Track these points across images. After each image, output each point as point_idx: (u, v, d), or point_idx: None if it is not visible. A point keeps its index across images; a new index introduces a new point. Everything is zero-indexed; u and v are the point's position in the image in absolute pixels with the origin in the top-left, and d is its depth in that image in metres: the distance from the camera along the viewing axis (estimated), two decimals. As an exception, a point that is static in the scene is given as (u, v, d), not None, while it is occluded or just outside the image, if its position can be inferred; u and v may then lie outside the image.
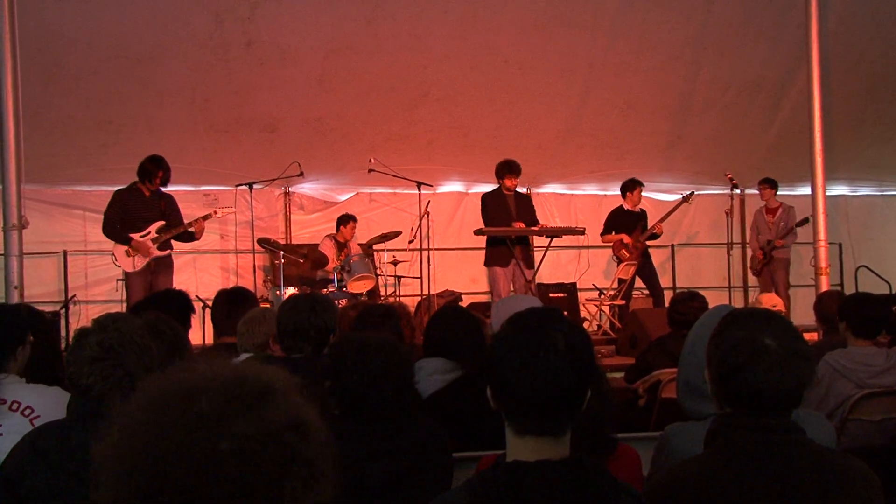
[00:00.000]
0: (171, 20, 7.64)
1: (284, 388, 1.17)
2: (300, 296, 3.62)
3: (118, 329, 2.39)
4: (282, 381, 1.18)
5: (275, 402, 1.13)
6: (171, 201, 7.25)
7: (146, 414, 1.11)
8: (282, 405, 1.14)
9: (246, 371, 1.17)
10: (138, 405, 1.13)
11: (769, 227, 9.57)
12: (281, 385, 1.17)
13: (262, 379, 1.17)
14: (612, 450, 2.39)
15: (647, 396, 4.59)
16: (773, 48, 8.93)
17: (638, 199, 9.22)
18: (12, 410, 2.80)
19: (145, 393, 1.15)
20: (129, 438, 1.10)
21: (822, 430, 2.32)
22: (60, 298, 9.13)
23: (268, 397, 1.13)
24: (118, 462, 1.09)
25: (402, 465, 2.36)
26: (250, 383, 1.14)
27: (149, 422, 1.10)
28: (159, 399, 1.12)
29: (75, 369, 2.35)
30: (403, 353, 2.59)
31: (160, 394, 1.13)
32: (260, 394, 1.13)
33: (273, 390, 1.15)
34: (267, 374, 1.18)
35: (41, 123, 8.03)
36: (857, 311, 4.01)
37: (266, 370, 1.19)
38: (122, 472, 1.08)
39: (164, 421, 1.09)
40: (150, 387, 1.16)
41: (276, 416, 1.11)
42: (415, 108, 9.21)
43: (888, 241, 12.04)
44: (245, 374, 1.16)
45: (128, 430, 1.11)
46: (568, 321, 1.72)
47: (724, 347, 1.92)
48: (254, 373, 1.17)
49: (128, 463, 1.08)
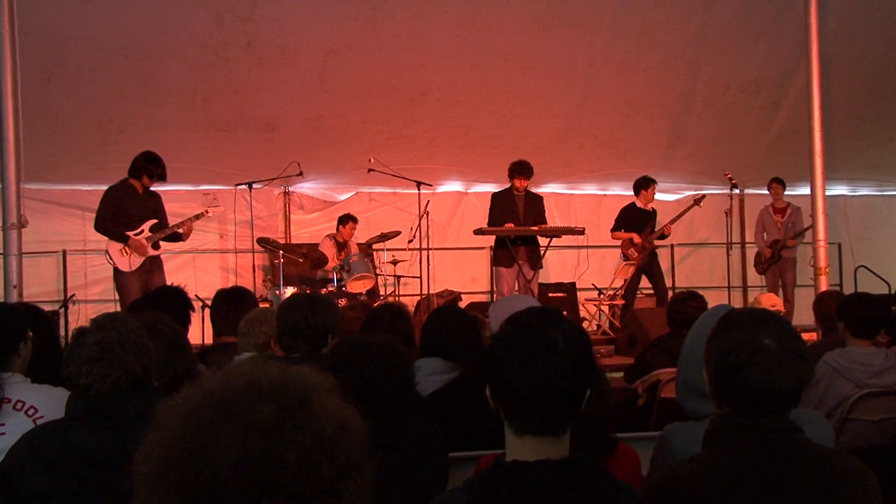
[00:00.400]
0: (171, 19, 7.64)
1: (325, 389, 1.17)
2: (299, 295, 3.62)
3: (116, 329, 2.39)
4: (322, 383, 1.18)
5: (321, 405, 1.13)
6: (159, 200, 7.15)
7: (199, 424, 1.08)
8: (327, 408, 1.13)
9: (289, 376, 1.16)
10: (185, 414, 1.10)
11: (777, 227, 9.52)
12: (322, 387, 1.17)
13: (306, 383, 1.16)
14: (612, 449, 2.39)
15: (646, 396, 4.59)
16: (772, 48, 8.94)
17: (651, 197, 9.11)
18: (16, 410, 2.79)
19: (192, 400, 1.12)
20: (180, 449, 1.06)
21: (820, 429, 2.32)
22: (59, 298, 9.13)
23: (315, 401, 1.13)
24: (167, 472, 1.06)
25: (398, 460, 2.37)
26: (298, 389, 1.13)
27: (203, 432, 1.07)
28: (211, 408, 1.09)
29: (74, 369, 2.35)
30: (404, 354, 2.59)
31: (212, 403, 1.10)
32: (307, 398, 1.13)
33: (317, 393, 1.15)
34: (308, 378, 1.17)
35: (41, 122, 8.03)
36: (856, 311, 4.01)
37: (304, 373, 1.18)
38: (171, 485, 1.05)
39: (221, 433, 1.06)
40: (195, 395, 1.13)
41: (326, 420, 1.11)
42: (414, 107, 9.22)
43: (887, 241, 12.05)
44: (288, 378, 1.15)
45: (178, 441, 1.07)
46: (568, 321, 1.72)
47: (723, 347, 1.92)
48: (296, 377, 1.16)
49: (179, 475, 1.05)
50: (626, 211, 9.16)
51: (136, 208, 6.92)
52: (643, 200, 9.09)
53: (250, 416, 1.07)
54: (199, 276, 9.76)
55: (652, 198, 9.14)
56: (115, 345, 2.35)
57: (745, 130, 10.19)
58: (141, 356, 2.39)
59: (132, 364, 2.35)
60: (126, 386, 2.33)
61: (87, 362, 2.34)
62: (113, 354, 2.34)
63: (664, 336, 4.98)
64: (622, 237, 9.06)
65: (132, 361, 2.36)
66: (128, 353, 2.36)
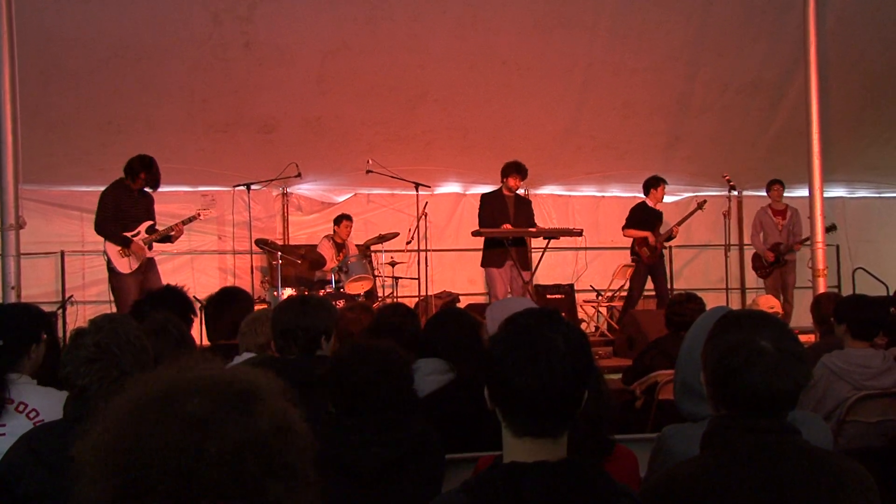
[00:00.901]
0: (170, 20, 7.63)
1: (270, 391, 1.17)
2: (293, 297, 3.63)
3: (114, 329, 2.39)
4: (268, 385, 1.18)
5: (261, 405, 1.13)
6: (150, 201, 7.15)
7: (132, 412, 1.10)
8: (268, 409, 1.14)
9: (233, 374, 1.17)
10: (124, 403, 1.13)
11: (778, 230, 9.45)
12: (267, 388, 1.17)
13: (249, 382, 1.16)
14: (610, 451, 2.39)
15: (644, 398, 4.60)
16: (771, 49, 8.94)
17: (661, 197, 9.06)
18: (18, 412, 2.79)
19: (133, 391, 1.14)
20: (113, 436, 1.09)
21: (818, 431, 2.32)
22: (58, 299, 9.13)
23: (254, 401, 1.13)
24: (100, 459, 1.09)
25: (393, 455, 2.37)
26: (237, 386, 1.14)
27: (134, 421, 1.09)
28: (147, 398, 1.12)
29: (72, 369, 2.35)
30: (403, 357, 2.59)
31: (148, 393, 1.13)
32: (247, 397, 1.13)
33: (259, 394, 1.15)
34: (253, 378, 1.18)
35: (39, 123, 8.03)
36: (854, 312, 4.01)
37: (253, 373, 1.19)
38: (103, 470, 1.08)
39: (150, 420, 1.08)
40: (137, 385, 1.15)
41: (263, 419, 1.12)
42: (413, 108, 9.21)
43: (886, 243, 12.06)
44: (232, 377, 1.16)
45: (112, 428, 1.10)
46: (567, 322, 1.72)
47: (720, 349, 1.93)
48: (241, 376, 1.17)
49: (110, 461, 1.07)
50: (638, 209, 9.07)
51: (133, 209, 6.93)
52: (653, 200, 9.03)
53: (178, 408, 1.09)
54: (197, 278, 9.75)
55: (661, 198, 9.08)
56: (113, 345, 2.35)
57: (743, 132, 10.20)
58: (139, 357, 2.38)
59: (130, 364, 2.35)
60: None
61: (85, 363, 2.33)
62: (110, 355, 2.34)
63: (662, 338, 4.99)
64: (636, 235, 8.92)
65: (130, 362, 2.35)
66: (125, 354, 2.35)
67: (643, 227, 8.92)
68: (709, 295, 7.02)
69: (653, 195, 9.03)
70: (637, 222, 8.97)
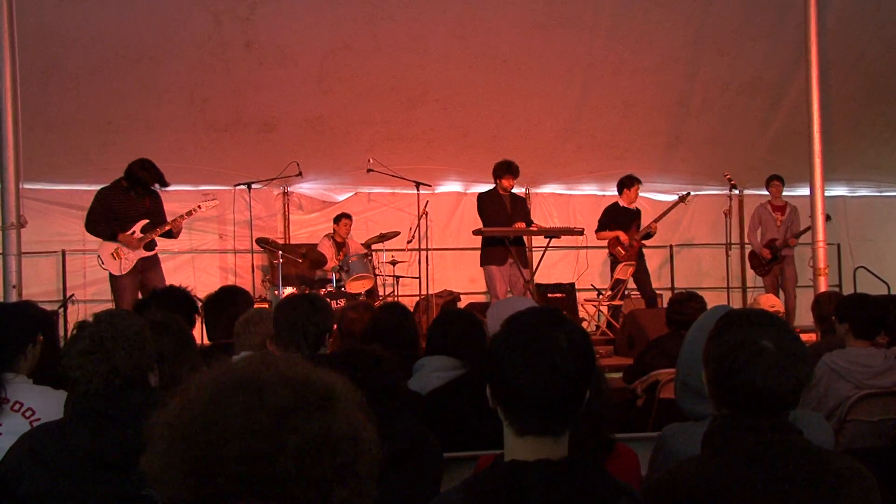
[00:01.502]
0: (171, 20, 7.64)
1: (347, 396, 1.18)
2: (297, 295, 3.63)
3: (112, 324, 2.37)
4: (345, 390, 1.19)
5: (340, 409, 1.14)
6: (156, 199, 7.08)
7: (219, 392, 1.11)
8: (345, 414, 1.15)
9: (315, 374, 1.18)
10: (210, 382, 1.14)
11: (777, 225, 9.42)
12: (344, 393, 1.18)
13: (329, 384, 1.17)
14: (611, 450, 2.38)
15: (645, 397, 4.60)
16: (771, 48, 8.94)
17: (635, 196, 8.97)
18: (14, 411, 2.78)
19: (219, 372, 1.15)
20: (196, 412, 1.10)
21: (819, 430, 2.32)
22: (59, 298, 9.13)
23: (333, 403, 1.14)
24: (177, 432, 1.09)
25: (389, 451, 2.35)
26: (318, 386, 1.15)
27: (220, 400, 1.10)
28: (235, 381, 1.13)
29: (67, 361, 2.34)
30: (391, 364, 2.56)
31: (236, 376, 1.14)
32: (327, 398, 1.14)
33: (338, 397, 1.16)
34: (334, 381, 1.19)
35: (40, 123, 8.04)
36: (855, 312, 4.01)
37: (333, 377, 1.20)
38: (180, 443, 1.08)
39: (237, 402, 1.09)
40: (224, 368, 1.16)
41: (340, 423, 1.13)
42: (413, 108, 9.22)
43: (887, 242, 12.05)
44: (313, 375, 1.17)
45: (195, 404, 1.11)
46: (569, 321, 1.72)
47: (722, 349, 1.93)
48: (322, 377, 1.18)
49: (189, 435, 1.08)
50: (611, 210, 9.00)
51: (128, 210, 6.85)
52: (626, 199, 8.94)
53: (265, 395, 1.10)
54: (198, 277, 9.75)
55: (635, 197, 8.98)
56: (107, 339, 2.32)
57: (743, 131, 10.20)
58: (133, 354, 2.35)
59: (123, 361, 2.32)
60: (118, 384, 2.31)
61: (80, 355, 2.32)
62: (103, 350, 2.31)
63: (663, 337, 4.99)
64: (608, 236, 8.89)
65: (123, 358, 2.32)
66: (119, 350, 2.32)
67: (618, 227, 8.84)
68: (710, 294, 7.02)
69: (626, 195, 8.92)
70: (609, 223, 8.91)
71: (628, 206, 8.97)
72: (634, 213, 9.00)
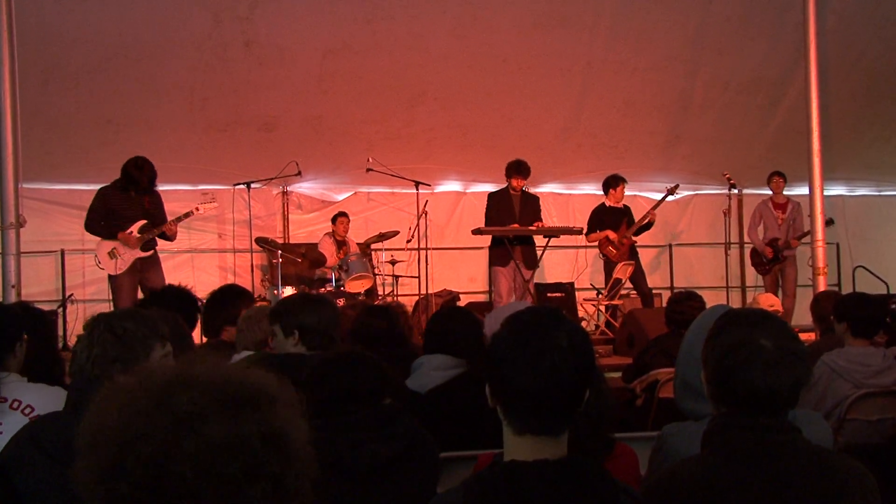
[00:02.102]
0: (170, 19, 7.64)
1: (272, 397, 1.16)
2: (302, 294, 3.63)
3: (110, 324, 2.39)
4: (273, 392, 1.17)
5: (255, 410, 1.13)
6: (156, 199, 7.06)
7: (126, 398, 1.12)
8: (261, 415, 1.13)
9: (235, 375, 1.16)
10: (123, 388, 1.14)
11: (778, 223, 9.26)
12: (270, 395, 1.16)
13: (251, 386, 1.16)
14: (610, 449, 2.38)
15: (644, 396, 4.60)
16: (771, 47, 8.94)
17: (621, 196, 8.93)
18: (13, 409, 2.79)
19: (134, 377, 1.16)
20: (104, 417, 1.11)
21: (818, 429, 2.32)
22: (58, 297, 9.13)
23: (249, 405, 1.13)
24: (88, 438, 1.11)
25: (388, 453, 2.34)
26: (235, 388, 1.14)
27: (125, 406, 1.11)
28: (144, 386, 1.13)
29: (73, 357, 2.37)
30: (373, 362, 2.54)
31: (147, 381, 1.13)
32: (242, 400, 1.12)
33: (257, 398, 1.14)
34: (258, 382, 1.17)
35: (39, 122, 8.03)
36: (854, 311, 4.02)
37: (261, 378, 1.18)
38: (90, 449, 1.10)
39: (139, 407, 1.09)
40: (140, 372, 1.16)
41: (251, 424, 1.11)
42: (413, 107, 9.22)
43: (886, 242, 12.05)
44: (234, 378, 1.16)
45: (104, 409, 1.12)
46: (569, 320, 1.72)
47: (721, 348, 1.93)
48: (243, 379, 1.16)
49: (97, 441, 1.09)
50: (598, 211, 8.98)
51: (126, 209, 6.85)
52: (613, 199, 8.91)
53: (168, 400, 1.10)
54: (197, 276, 9.74)
55: (622, 196, 8.95)
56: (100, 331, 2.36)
57: (743, 130, 10.20)
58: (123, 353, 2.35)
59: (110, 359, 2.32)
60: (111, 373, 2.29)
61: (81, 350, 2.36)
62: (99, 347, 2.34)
63: (662, 336, 4.99)
64: (596, 237, 8.86)
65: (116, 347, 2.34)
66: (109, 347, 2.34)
67: (606, 227, 8.81)
68: (709, 293, 7.02)
69: (612, 195, 8.90)
70: (597, 224, 8.89)
71: (615, 206, 8.93)
72: (622, 211, 8.95)
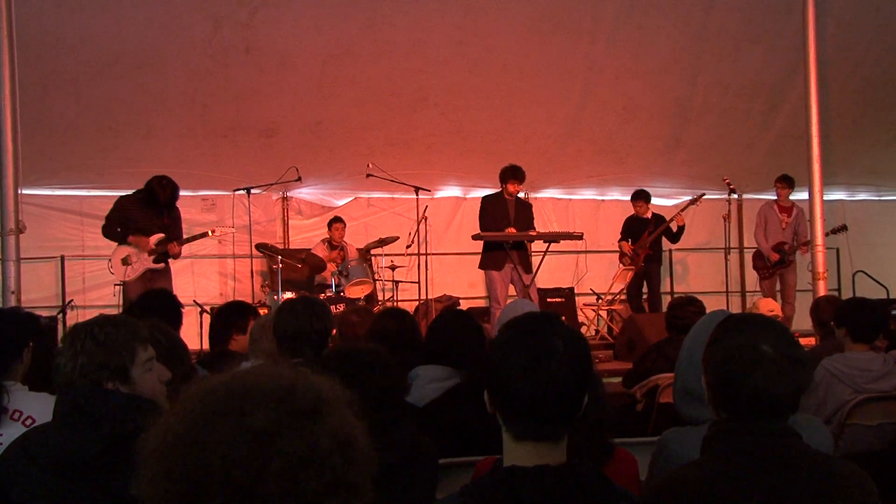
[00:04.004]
0: (171, 25, 7.64)
1: (335, 402, 1.16)
2: (297, 300, 3.61)
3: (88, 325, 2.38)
4: (333, 395, 1.17)
5: (325, 419, 1.13)
6: (175, 215, 7.27)
7: (198, 420, 1.10)
8: (332, 423, 1.13)
9: (300, 384, 1.16)
10: (191, 408, 1.12)
11: (782, 227, 9.20)
12: (332, 399, 1.16)
13: (315, 393, 1.15)
14: (610, 455, 2.38)
15: (644, 401, 4.59)
16: (770, 52, 8.95)
17: (642, 211, 9.44)
18: (13, 420, 2.75)
19: (199, 395, 1.14)
20: (178, 442, 1.09)
21: (819, 435, 2.32)
22: (58, 303, 9.12)
23: (319, 414, 1.13)
24: (163, 462, 1.09)
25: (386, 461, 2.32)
26: (303, 398, 1.13)
27: (199, 429, 1.09)
28: (213, 406, 1.11)
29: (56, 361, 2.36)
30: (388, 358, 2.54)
31: (215, 400, 1.12)
32: (312, 410, 1.12)
33: (324, 406, 1.14)
34: (319, 388, 1.17)
35: (40, 128, 8.03)
36: (854, 315, 4.01)
37: (318, 383, 1.18)
38: (166, 474, 1.08)
39: (216, 430, 1.08)
40: (204, 390, 1.15)
41: (326, 436, 1.11)
42: (413, 112, 9.22)
43: (886, 246, 12.04)
44: (299, 387, 1.15)
45: (177, 433, 1.10)
46: (567, 326, 1.72)
47: (721, 354, 1.93)
48: (307, 386, 1.16)
49: (173, 466, 1.08)
50: (628, 220, 9.56)
51: (143, 221, 7.03)
52: (637, 212, 9.49)
53: (244, 419, 1.08)
54: (197, 282, 9.76)
55: (643, 211, 9.45)
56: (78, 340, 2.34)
57: (743, 135, 10.20)
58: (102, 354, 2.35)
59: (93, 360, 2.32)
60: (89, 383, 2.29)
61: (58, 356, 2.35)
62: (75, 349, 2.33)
63: (663, 341, 4.98)
64: (622, 245, 9.46)
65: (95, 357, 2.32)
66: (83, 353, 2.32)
67: (631, 236, 9.40)
68: (709, 298, 7.01)
69: (633, 207, 9.53)
70: (624, 232, 9.53)
71: (641, 216, 9.44)
72: (647, 221, 9.34)
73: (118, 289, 7.44)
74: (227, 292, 10.04)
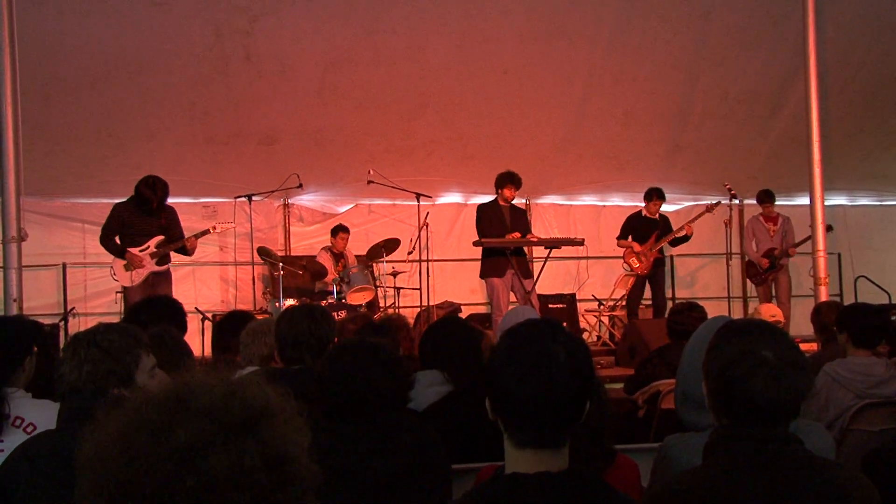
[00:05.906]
0: (171, 33, 7.66)
1: (273, 416, 1.13)
2: (297, 307, 3.62)
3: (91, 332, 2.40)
4: (275, 409, 1.14)
5: (257, 434, 1.10)
6: (172, 215, 7.24)
7: (126, 432, 1.09)
8: (262, 436, 1.10)
9: (235, 396, 1.13)
10: (122, 419, 1.12)
11: (770, 236, 9.49)
12: (269, 414, 1.13)
13: (249, 407, 1.12)
14: (612, 461, 2.38)
15: (646, 407, 4.59)
16: (770, 57, 8.95)
17: (653, 210, 9.21)
18: (15, 427, 2.74)
19: (134, 406, 1.13)
20: (106, 453, 1.09)
21: (820, 440, 2.31)
22: (59, 311, 9.13)
23: (249, 430, 1.10)
24: (93, 472, 1.09)
25: (396, 467, 2.33)
26: (235, 412, 1.10)
27: (126, 442, 1.08)
28: (142, 418, 1.10)
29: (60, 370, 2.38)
30: (397, 353, 2.55)
31: (145, 412, 1.11)
32: (242, 425, 1.09)
33: (258, 421, 1.11)
34: (256, 401, 1.13)
35: (41, 136, 8.05)
36: (856, 321, 4.01)
37: (257, 395, 1.15)
38: (96, 484, 1.08)
39: (140, 444, 1.07)
40: (141, 400, 1.13)
41: (252, 453, 1.08)
42: (414, 119, 9.23)
43: (887, 251, 12.01)
44: (233, 400, 1.12)
45: (107, 444, 1.10)
46: (568, 333, 1.72)
47: (722, 359, 1.92)
48: (243, 399, 1.13)
49: (101, 476, 1.08)
50: (632, 218, 9.23)
51: (142, 225, 7.03)
52: (648, 210, 9.20)
53: (166, 434, 1.07)
54: (199, 289, 9.77)
55: (653, 211, 9.20)
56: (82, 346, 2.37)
57: (743, 140, 10.20)
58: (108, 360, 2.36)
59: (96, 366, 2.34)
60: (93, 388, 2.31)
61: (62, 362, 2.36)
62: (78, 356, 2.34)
63: (664, 347, 4.98)
64: (623, 245, 9.10)
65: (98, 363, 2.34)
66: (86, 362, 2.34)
67: (637, 236, 9.02)
68: (710, 304, 7.00)
69: (646, 207, 9.24)
70: (627, 231, 9.13)
71: (651, 216, 9.16)
72: (656, 222, 9.13)
73: (120, 296, 7.45)
74: (228, 299, 10.05)
